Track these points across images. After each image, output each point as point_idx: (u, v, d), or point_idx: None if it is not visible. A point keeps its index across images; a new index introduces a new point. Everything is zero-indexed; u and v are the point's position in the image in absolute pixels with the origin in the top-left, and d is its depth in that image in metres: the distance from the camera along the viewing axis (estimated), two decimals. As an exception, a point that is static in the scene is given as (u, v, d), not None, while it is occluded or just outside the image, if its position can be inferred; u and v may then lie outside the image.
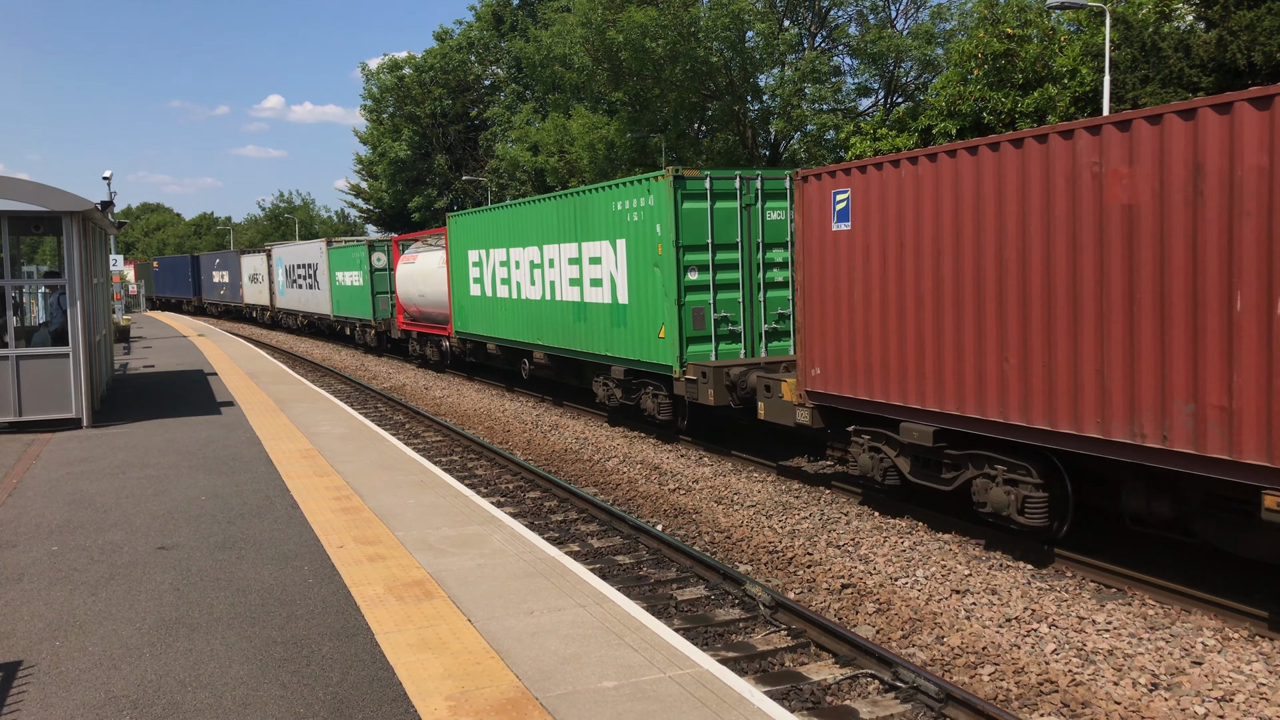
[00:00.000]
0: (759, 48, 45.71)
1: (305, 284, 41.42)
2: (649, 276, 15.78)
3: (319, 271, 38.88)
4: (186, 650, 6.65)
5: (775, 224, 15.89)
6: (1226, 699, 7.13)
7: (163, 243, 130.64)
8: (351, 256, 34.64)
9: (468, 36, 70.17)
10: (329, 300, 37.94)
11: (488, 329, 23.05)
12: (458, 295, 24.72)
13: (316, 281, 39.47)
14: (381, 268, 32.30)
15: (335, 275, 36.62)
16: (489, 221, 22.47)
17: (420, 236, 30.66)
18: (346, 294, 35.61)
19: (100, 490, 11.44)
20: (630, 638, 6.72)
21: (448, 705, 5.74)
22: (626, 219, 16.28)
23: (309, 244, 41.37)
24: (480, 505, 10.44)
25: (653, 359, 15.97)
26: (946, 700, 7.01)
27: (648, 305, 15.95)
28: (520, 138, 58.26)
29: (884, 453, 11.45)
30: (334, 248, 36.89)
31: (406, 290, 28.84)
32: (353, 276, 34.51)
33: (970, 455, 10.35)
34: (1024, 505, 9.73)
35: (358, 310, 34.44)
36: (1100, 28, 26.40)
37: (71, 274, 15.25)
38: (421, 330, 28.93)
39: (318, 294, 39.54)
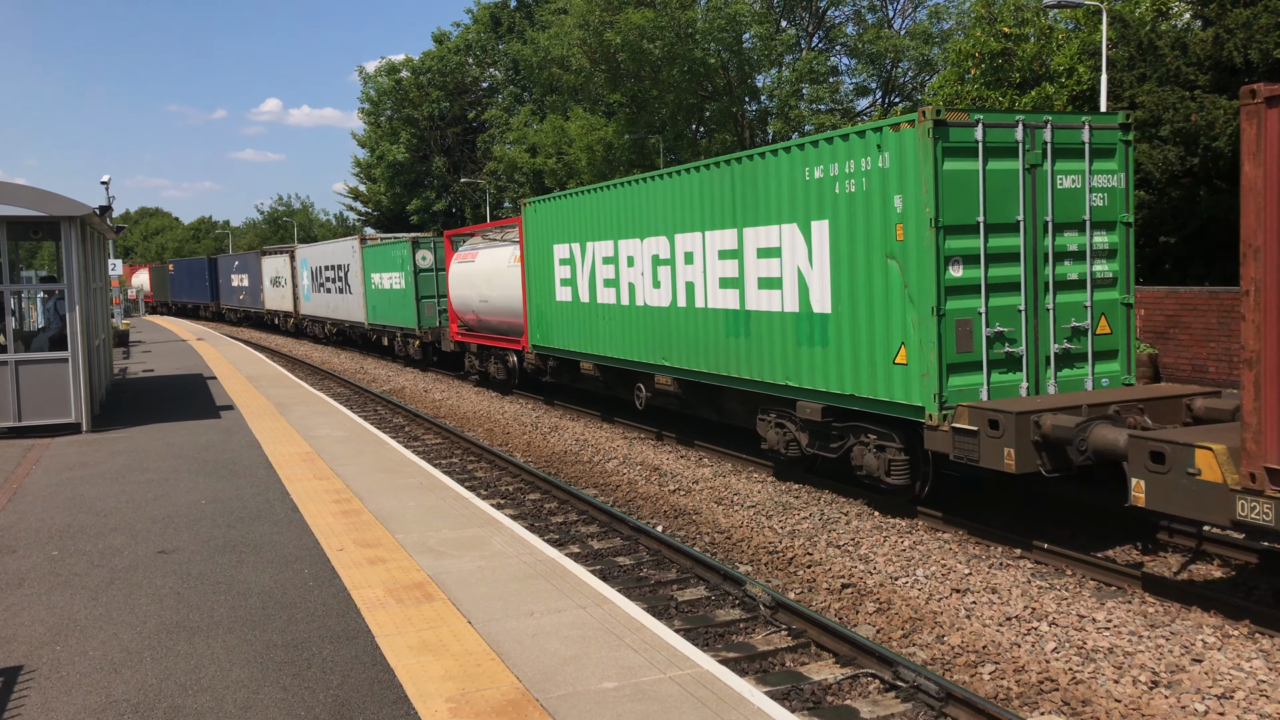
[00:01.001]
0: (756, 48, 45.73)
1: (334, 288, 37.10)
2: (874, 273, 11.24)
3: (351, 273, 34.72)
4: (187, 654, 6.65)
5: (1069, 194, 11.26)
6: (1226, 696, 7.14)
7: (161, 247, 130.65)
8: (390, 256, 30.70)
9: (465, 39, 70.20)
10: (363, 306, 33.83)
11: (582, 343, 18.52)
12: (537, 300, 20.26)
13: (348, 285, 35.31)
14: (427, 268, 28.59)
15: (370, 277, 32.68)
16: (588, 207, 17.96)
17: (480, 230, 26.25)
18: (384, 299, 31.62)
19: (100, 495, 11.44)
20: (631, 639, 6.73)
21: (448, 707, 5.74)
22: (831, 191, 11.76)
23: (338, 243, 37.14)
24: (480, 507, 10.45)
25: (881, 394, 11.25)
26: (947, 699, 7.01)
27: (869, 315, 11.35)
28: (518, 140, 58.27)
29: None
30: (369, 246, 33.03)
31: (463, 294, 24.62)
32: (392, 278, 30.51)
33: None
34: None
35: (398, 317, 30.40)
36: (1097, 26, 26.41)
37: (70, 279, 15.25)
38: (482, 342, 24.31)
39: (349, 299, 35.34)
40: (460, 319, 25.55)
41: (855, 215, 11.49)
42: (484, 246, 24.00)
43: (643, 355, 16.44)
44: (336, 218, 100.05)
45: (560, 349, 19.57)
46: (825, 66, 47.01)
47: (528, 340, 20.96)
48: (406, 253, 29.15)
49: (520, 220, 21.02)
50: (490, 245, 23.69)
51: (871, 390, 11.42)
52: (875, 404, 11.39)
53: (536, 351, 20.78)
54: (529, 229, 20.45)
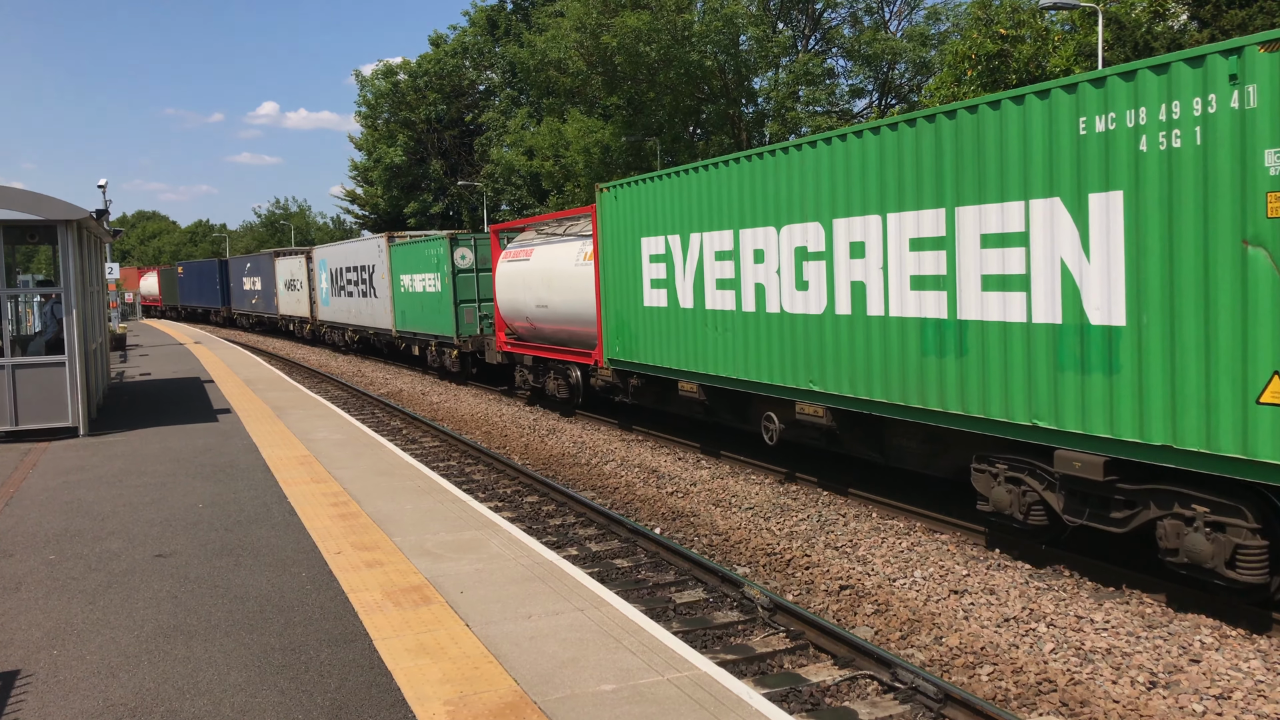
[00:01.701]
0: (753, 50, 45.78)
1: (357, 291, 33.81)
2: (1216, 268, 7.80)
3: (376, 275, 31.64)
4: (184, 657, 6.64)
5: None
6: (1224, 697, 7.14)
7: (159, 250, 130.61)
8: (424, 255, 27.47)
9: (462, 42, 70.27)
10: (390, 311, 30.65)
11: (682, 359, 15.02)
12: (617, 306, 16.84)
13: (372, 288, 32.17)
14: (467, 268, 25.63)
15: (399, 280, 29.59)
16: (693, 189, 14.47)
17: (533, 223, 22.78)
18: (416, 303, 28.36)
19: (97, 498, 11.43)
20: (629, 641, 6.73)
21: (446, 710, 5.74)
22: (1130, 148, 8.28)
23: (362, 241, 34.06)
24: (478, 510, 10.44)
25: (1225, 447, 7.80)
26: (945, 700, 7.01)
27: (1203, 329, 7.91)
28: (515, 142, 58.30)
29: None
30: (398, 245, 29.84)
31: (514, 298, 21.32)
32: (426, 280, 27.30)
33: None
34: None
35: (432, 324, 27.03)
36: (1093, 28, 26.46)
37: (67, 283, 15.24)
38: (538, 354, 20.83)
39: (374, 304, 32.22)
40: (509, 326, 22.25)
41: (1178, 182, 7.96)
42: (540, 243, 20.72)
43: (777, 376, 12.88)
44: (334, 220, 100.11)
45: (648, 365, 15.98)
46: (821, 68, 47.06)
47: (602, 353, 17.52)
48: (443, 251, 25.79)
49: (593, 210, 17.56)
50: (549, 241, 20.42)
51: (1205, 440, 7.86)
52: (1211, 461, 7.86)
53: (614, 367, 17.25)
54: (606, 220, 17.01)
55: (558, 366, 20.29)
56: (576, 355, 19.08)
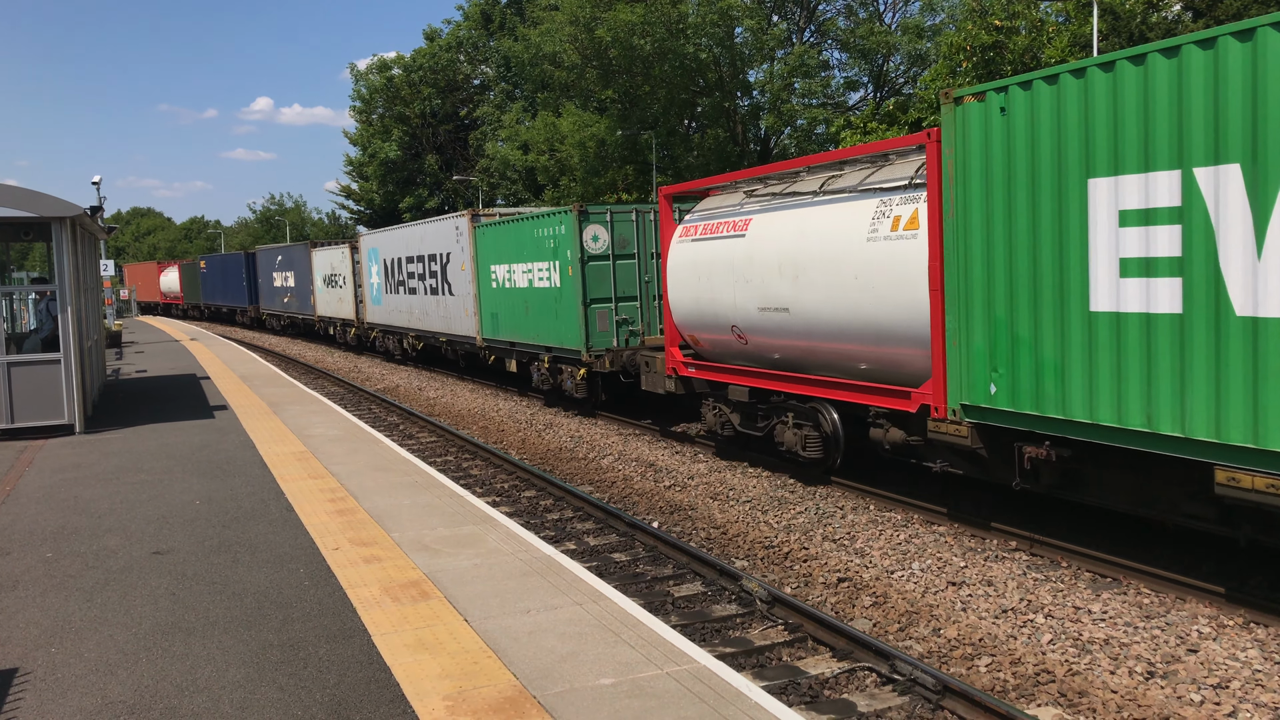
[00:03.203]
0: (748, 43, 45.74)
1: (422, 286, 27.53)
2: None
3: (452, 266, 25.00)
4: (183, 654, 6.63)
5: None
6: (1222, 686, 7.16)
7: (154, 247, 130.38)
8: (530, 237, 20.45)
9: (456, 36, 70.13)
10: (472, 313, 24.01)
11: (1199, 411, 7.75)
12: (1005, 304, 9.35)
13: (446, 283, 25.72)
14: (600, 253, 18.52)
15: (488, 272, 22.85)
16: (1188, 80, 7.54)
17: (732, 181, 14.69)
18: (517, 302, 21.36)
19: (94, 496, 11.41)
20: (627, 635, 6.73)
21: (445, 705, 5.74)
22: None
23: (430, 224, 27.08)
24: (475, 505, 10.44)
25: None
26: (944, 692, 7.02)
27: None
28: (510, 137, 58.22)
29: None
30: (488, 225, 22.98)
31: (706, 295, 14.23)
32: (535, 271, 20.40)
33: None
34: None
35: (545, 331, 20.14)
36: (1088, 18, 26.45)
37: (62, 280, 15.20)
38: (762, 385, 13.52)
39: (448, 303, 25.76)
40: (691, 337, 15.00)
41: None
42: (764, 208, 13.37)
43: None
44: (329, 216, 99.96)
45: (1096, 424, 8.53)
46: (816, 61, 47.03)
47: (944, 392, 10.16)
48: (565, 230, 18.89)
49: (924, 139, 10.28)
50: (788, 204, 12.89)
51: None
52: None
53: (977, 420, 9.85)
54: (979, 151, 9.39)
55: (803, 410, 12.96)
56: (861, 394, 11.68)
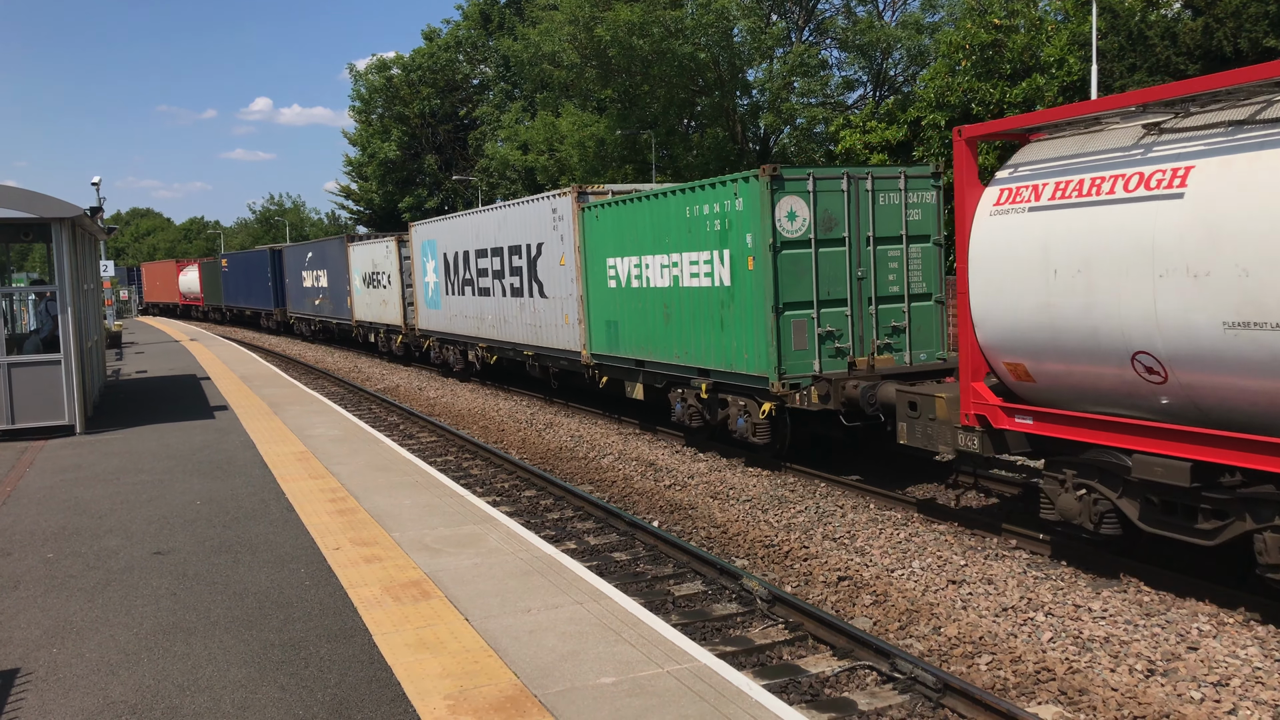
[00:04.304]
0: (746, 42, 45.76)
1: (499, 286, 22.33)
2: None
3: (546, 260, 19.81)
4: (184, 654, 6.64)
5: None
6: (1222, 684, 7.17)
7: (153, 248, 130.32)
8: (682, 218, 15.01)
9: (455, 36, 70.13)
10: (574, 320, 18.84)
11: None
12: None
13: (534, 281, 20.52)
14: (798, 238, 13.32)
15: (603, 267, 17.50)
16: None
17: (1085, 113, 9.15)
18: (652, 308, 16.10)
19: (95, 496, 11.41)
20: (628, 634, 6.73)
21: (447, 704, 5.74)
22: None
23: (515, 207, 21.40)
24: (476, 504, 10.44)
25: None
26: (944, 690, 7.03)
27: None
28: (509, 136, 58.21)
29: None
30: (605, 205, 17.38)
31: (1088, 298, 8.62)
32: (682, 265, 15.11)
33: None
34: None
35: (704, 348, 14.84)
36: (1087, 17, 26.46)
37: (62, 281, 15.21)
38: (1210, 454, 7.93)
39: (535, 308, 20.57)
40: (1015, 368, 9.66)
41: None
42: (1210, 150, 7.83)
43: None
44: (328, 216, 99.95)
45: None
46: (816, 60, 47.04)
47: None
48: (747, 204, 13.44)
49: None
50: (1269, 141, 7.46)
51: None
52: None
53: None
54: None
55: None
56: None
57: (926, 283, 14.07)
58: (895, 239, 13.81)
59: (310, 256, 40.57)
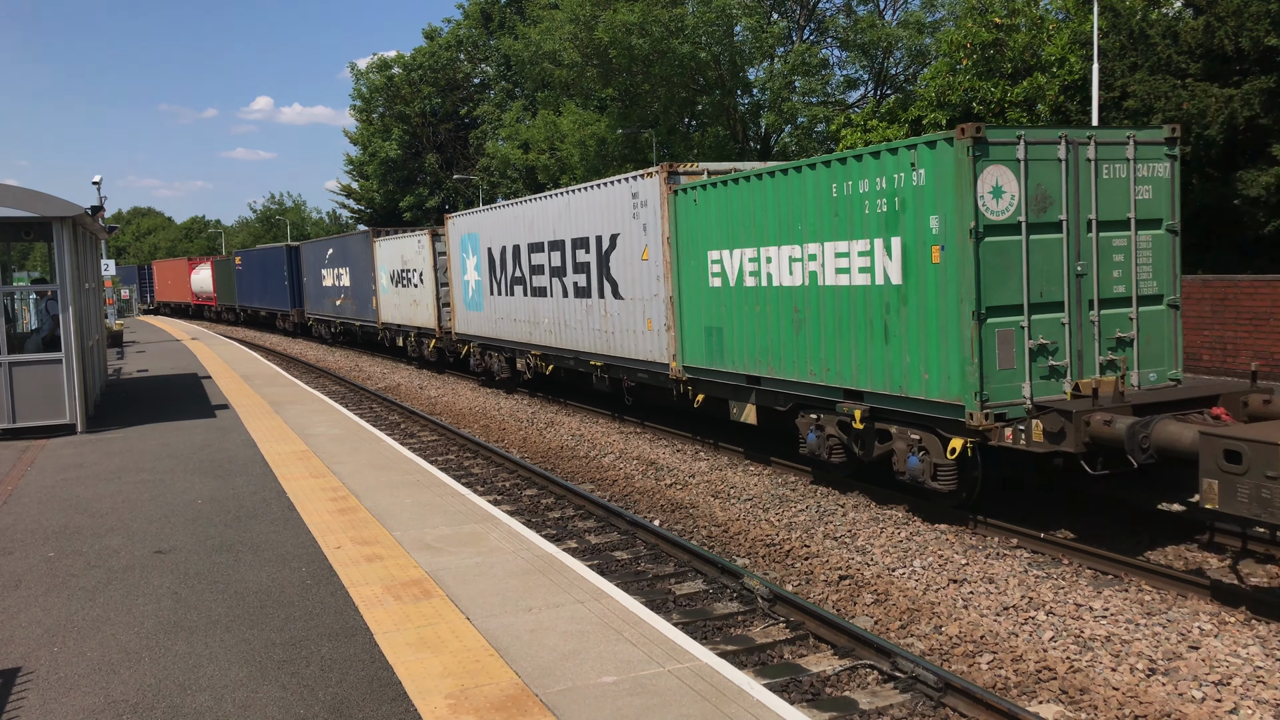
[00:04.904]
0: (747, 41, 45.75)
1: (559, 285, 19.58)
2: None
3: (622, 254, 16.87)
4: (185, 653, 6.64)
5: None
6: (1224, 683, 7.16)
7: (154, 247, 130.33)
8: (827, 198, 11.98)
9: (456, 35, 70.13)
10: (660, 326, 15.84)
11: None
12: None
13: (606, 280, 17.50)
14: (1005, 221, 10.32)
15: (704, 262, 14.53)
16: None
17: None
18: (774, 313, 13.19)
19: (96, 495, 11.42)
20: (629, 633, 6.73)
21: (448, 704, 5.74)
22: None
23: (584, 193, 18.33)
24: (477, 503, 10.44)
25: None
26: (945, 689, 7.03)
27: None
28: (510, 135, 58.20)
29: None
30: (708, 186, 14.39)
31: None
32: (824, 258, 12.12)
33: None
34: None
35: (854, 364, 11.77)
36: (1088, 15, 26.43)
37: (63, 280, 15.21)
38: None
39: (606, 310, 17.64)
40: None
41: None
42: None
43: None
44: (329, 215, 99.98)
45: None
46: (817, 59, 47.05)
47: None
48: (931, 175, 10.51)
49: None
50: None
51: None
52: None
53: None
54: None
55: None
56: None
57: (1158, 281, 11.21)
58: (1121, 223, 10.97)
59: (331, 253, 38.00)
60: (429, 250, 27.47)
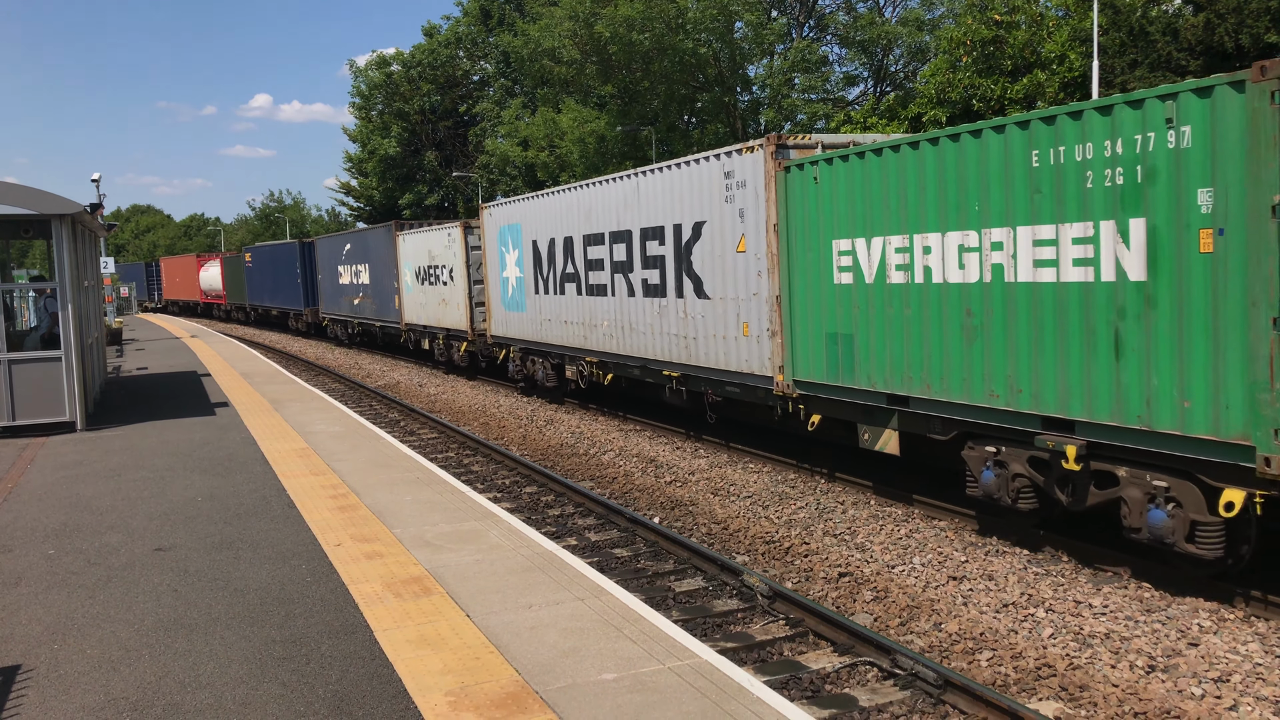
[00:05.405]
0: (747, 38, 45.74)
1: (622, 283, 17.26)
2: None
3: (709, 245, 14.49)
4: (185, 651, 6.64)
5: None
6: (1223, 680, 7.17)
7: (154, 245, 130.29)
8: (1023, 167, 9.31)
9: (455, 32, 70.08)
10: (758, 331, 13.51)
11: None
12: None
13: (685, 275, 15.21)
14: None
15: (824, 253, 12.04)
16: None
17: None
18: (936, 317, 10.52)
19: (96, 493, 11.42)
20: (629, 630, 6.74)
21: (448, 701, 5.75)
22: None
23: (658, 174, 15.86)
24: (477, 501, 10.45)
25: None
26: (945, 686, 7.03)
27: None
28: (510, 133, 58.17)
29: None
30: (831, 159, 11.83)
31: None
32: (1014, 245, 9.51)
33: None
34: None
35: (1060, 387, 9.16)
36: (1088, 13, 26.42)
37: (62, 277, 15.20)
38: None
39: (686, 311, 15.22)
40: None
41: None
42: None
43: None
44: (329, 213, 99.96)
45: None
46: (817, 56, 47.04)
47: None
48: (1226, 130, 7.80)
49: None
50: None
51: None
52: None
53: None
54: None
55: None
56: None
57: None
58: None
59: (349, 249, 35.61)
60: (461, 244, 25.14)
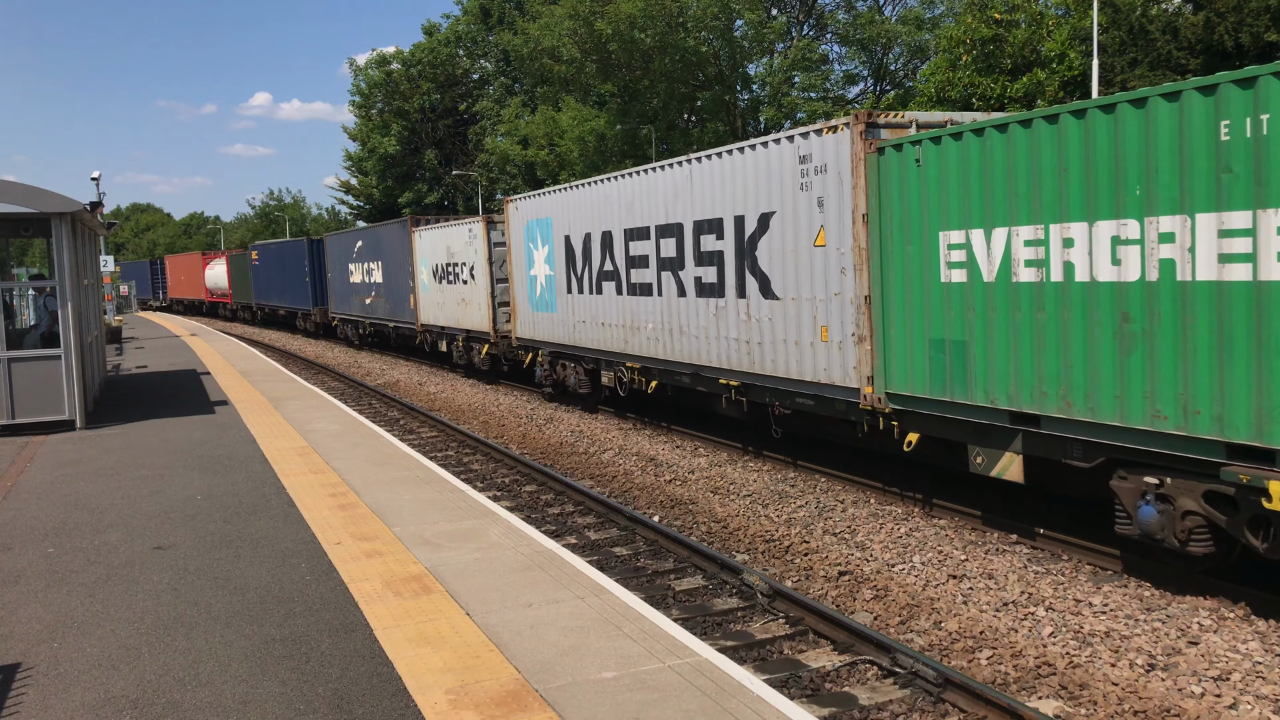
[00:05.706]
0: (748, 36, 45.74)
1: (671, 282, 15.68)
2: None
3: (778, 238, 12.90)
4: (185, 649, 6.64)
5: None
6: (1223, 678, 7.17)
7: (153, 243, 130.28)
8: (1232, 140, 7.59)
9: (455, 30, 70.09)
10: (845, 337, 11.77)
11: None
12: None
13: (749, 273, 13.62)
14: None
15: (929, 247, 10.48)
16: None
17: None
18: (1080, 321, 8.92)
19: (95, 491, 11.41)
20: (629, 628, 6.73)
21: (448, 699, 5.74)
22: None
23: (711, 162, 14.30)
24: (476, 499, 10.44)
25: None
26: (945, 685, 7.03)
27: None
28: (510, 131, 58.15)
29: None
30: (958, 137, 9.97)
31: None
32: (1194, 241, 7.94)
33: None
34: None
35: (1234, 405, 7.75)
36: (1088, 11, 26.41)
37: (62, 275, 15.19)
38: None
39: (741, 314, 13.84)
40: None
41: None
42: None
43: None
44: (328, 211, 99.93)
45: None
46: (816, 54, 47.05)
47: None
48: None
49: None
50: None
51: None
52: None
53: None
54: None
55: None
56: None
57: None
58: None
59: (360, 246, 33.97)
60: (483, 240, 23.64)
